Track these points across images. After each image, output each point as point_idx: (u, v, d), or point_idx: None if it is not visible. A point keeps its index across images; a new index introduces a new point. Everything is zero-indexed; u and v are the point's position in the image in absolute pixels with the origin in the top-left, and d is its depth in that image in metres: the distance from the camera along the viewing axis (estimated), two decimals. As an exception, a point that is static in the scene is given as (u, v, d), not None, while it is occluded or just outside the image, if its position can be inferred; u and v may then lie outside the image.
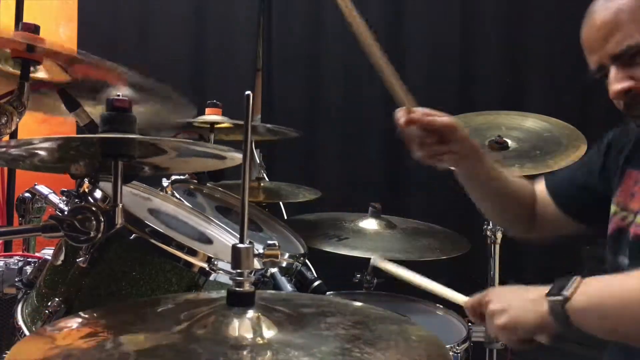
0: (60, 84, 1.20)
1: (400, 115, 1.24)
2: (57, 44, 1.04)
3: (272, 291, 1.37)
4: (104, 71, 1.14)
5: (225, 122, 1.98)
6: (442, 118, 1.24)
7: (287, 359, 0.72)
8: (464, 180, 1.35)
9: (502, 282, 2.24)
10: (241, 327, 0.77)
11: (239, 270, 0.80)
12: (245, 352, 0.73)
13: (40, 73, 1.18)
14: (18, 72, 1.09)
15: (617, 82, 1.11)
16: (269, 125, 2.32)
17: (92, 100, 1.22)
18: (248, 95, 0.79)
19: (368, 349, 0.74)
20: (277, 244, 0.86)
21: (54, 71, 1.18)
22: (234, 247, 0.81)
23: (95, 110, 1.19)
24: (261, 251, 0.85)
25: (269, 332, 0.77)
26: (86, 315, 0.90)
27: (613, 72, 1.11)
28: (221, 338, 0.75)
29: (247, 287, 0.81)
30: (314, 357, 0.72)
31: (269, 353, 0.73)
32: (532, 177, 1.97)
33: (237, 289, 0.81)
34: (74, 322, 0.88)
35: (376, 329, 0.84)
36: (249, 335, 0.76)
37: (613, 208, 1.23)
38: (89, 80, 1.20)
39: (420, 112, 1.24)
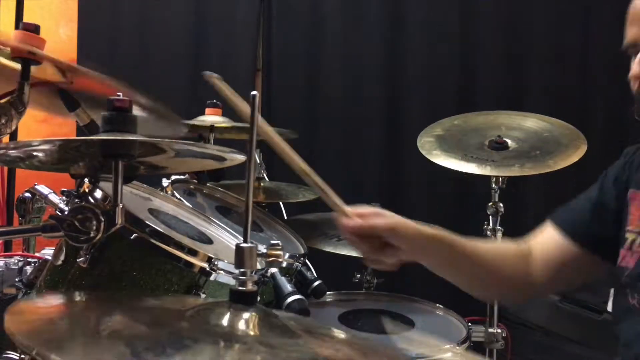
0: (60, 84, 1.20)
1: (342, 223, 1.15)
2: (57, 52, 1.04)
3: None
4: (100, 84, 1.13)
5: (225, 123, 1.98)
6: (380, 222, 1.14)
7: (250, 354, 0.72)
8: (435, 269, 1.22)
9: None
10: (222, 317, 0.78)
11: (242, 270, 0.81)
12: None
13: (41, 73, 1.18)
14: (18, 66, 1.09)
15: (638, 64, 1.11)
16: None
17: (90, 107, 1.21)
18: (254, 95, 0.79)
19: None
20: (280, 244, 0.86)
21: (54, 74, 1.18)
22: (237, 246, 0.81)
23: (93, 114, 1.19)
24: (264, 251, 0.85)
25: (249, 329, 0.78)
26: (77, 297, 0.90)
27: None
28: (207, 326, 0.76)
29: (250, 286, 0.81)
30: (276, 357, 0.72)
31: (236, 345, 0.74)
32: (532, 178, 1.98)
33: (240, 288, 0.81)
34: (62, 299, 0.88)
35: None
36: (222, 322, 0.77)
37: (630, 237, 1.18)
38: (86, 90, 1.20)
39: (355, 215, 1.14)
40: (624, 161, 1.30)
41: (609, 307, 2.09)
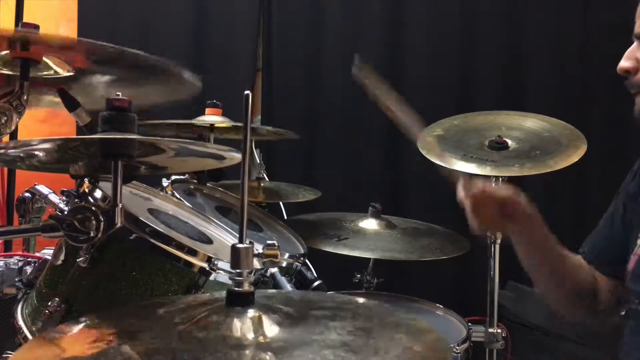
0: (62, 79, 1.19)
1: (461, 190, 1.22)
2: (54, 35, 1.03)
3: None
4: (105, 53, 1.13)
5: (225, 123, 1.98)
6: (503, 191, 1.21)
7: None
8: (520, 247, 1.30)
9: (503, 283, 2.24)
10: (238, 326, 0.78)
11: (238, 270, 0.80)
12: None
13: (41, 71, 1.18)
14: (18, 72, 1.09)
15: (624, 59, 1.15)
16: (268, 128, 2.34)
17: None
18: (247, 95, 0.79)
19: (346, 355, 0.73)
20: (276, 244, 0.86)
21: (57, 64, 1.17)
22: (233, 246, 0.81)
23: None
24: (261, 251, 0.85)
25: (260, 331, 0.77)
26: (88, 320, 0.89)
27: (631, 47, 1.13)
28: (222, 338, 0.75)
29: (246, 286, 0.81)
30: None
31: (247, 352, 0.73)
32: (532, 178, 1.97)
33: (236, 288, 0.81)
34: (76, 327, 0.87)
35: (377, 336, 0.81)
36: (248, 334, 0.76)
37: (639, 242, 1.20)
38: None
39: (479, 186, 1.21)
40: (635, 172, 1.30)
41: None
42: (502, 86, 2.90)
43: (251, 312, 0.80)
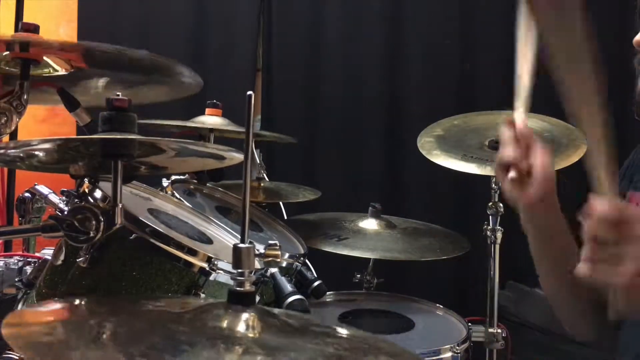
0: (63, 78, 1.19)
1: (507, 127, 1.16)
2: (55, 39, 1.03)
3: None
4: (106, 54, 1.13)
5: (225, 126, 1.98)
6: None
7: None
8: (531, 227, 1.24)
9: (503, 283, 2.24)
10: (226, 319, 0.78)
11: (240, 270, 0.80)
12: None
13: (42, 69, 1.18)
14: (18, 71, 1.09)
15: None
16: (267, 133, 2.38)
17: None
18: (250, 95, 0.79)
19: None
20: (278, 244, 0.86)
21: (57, 63, 1.17)
22: (235, 246, 0.81)
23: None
24: (262, 251, 0.85)
25: (248, 331, 0.77)
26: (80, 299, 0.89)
27: None
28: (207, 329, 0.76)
29: (247, 286, 0.81)
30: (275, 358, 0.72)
31: (235, 347, 0.73)
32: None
33: (238, 288, 0.81)
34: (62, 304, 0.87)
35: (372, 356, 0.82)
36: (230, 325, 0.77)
37: None
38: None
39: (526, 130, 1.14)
40: (623, 173, 1.30)
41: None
42: (502, 86, 2.89)
43: (249, 313, 0.80)
